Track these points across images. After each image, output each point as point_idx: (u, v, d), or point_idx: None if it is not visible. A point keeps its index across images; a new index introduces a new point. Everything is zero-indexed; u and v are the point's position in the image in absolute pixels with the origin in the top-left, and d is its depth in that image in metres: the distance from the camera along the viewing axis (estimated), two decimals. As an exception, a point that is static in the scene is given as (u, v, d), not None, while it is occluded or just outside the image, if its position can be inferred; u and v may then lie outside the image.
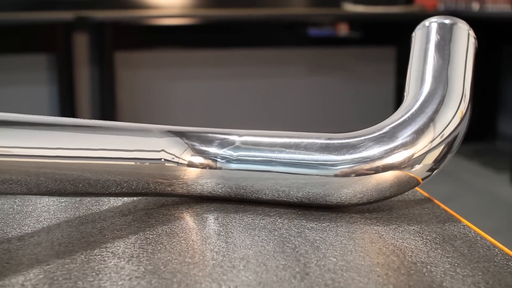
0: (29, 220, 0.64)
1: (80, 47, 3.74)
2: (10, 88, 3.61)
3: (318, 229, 0.62)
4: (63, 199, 0.69)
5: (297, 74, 4.26)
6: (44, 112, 3.56)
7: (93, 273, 0.52)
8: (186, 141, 0.65)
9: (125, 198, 0.69)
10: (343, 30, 4.44)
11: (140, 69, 3.85)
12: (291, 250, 0.56)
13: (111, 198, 0.69)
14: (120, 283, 0.50)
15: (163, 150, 0.64)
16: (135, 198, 0.69)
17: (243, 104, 4.14)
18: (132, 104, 3.75)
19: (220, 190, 0.67)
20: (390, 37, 4.41)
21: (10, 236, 0.60)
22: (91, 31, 3.75)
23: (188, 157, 0.65)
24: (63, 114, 3.58)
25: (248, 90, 4.14)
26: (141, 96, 3.83)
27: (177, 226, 0.62)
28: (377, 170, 0.64)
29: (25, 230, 0.62)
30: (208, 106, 4.05)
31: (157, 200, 0.69)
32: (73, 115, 3.62)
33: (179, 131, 0.66)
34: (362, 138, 0.65)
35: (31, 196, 0.69)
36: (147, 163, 0.63)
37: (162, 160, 0.64)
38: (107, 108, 3.59)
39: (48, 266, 0.53)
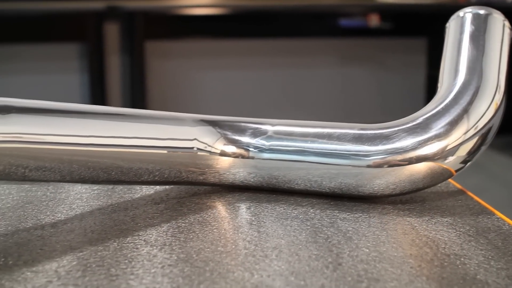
0: (62, 207, 0.64)
1: (111, 36, 3.75)
2: (42, 76, 3.63)
3: (351, 219, 0.62)
4: (95, 186, 0.69)
5: (327, 64, 4.25)
6: (75, 100, 3.58)
7: (126, 261, 0.52)
8: (219, 130, 0.65)
9: (157, 186, 0.69)
10: (374, 20, 4.41)
11: (170, 59, 3.86)
12: (324, 240, 0.56)
13: (143, 186, 0.69)
14: (152, 270, 0.50)
15: (195, 139, 0.64)
16: (167, 187, 0.70)
17: (273, 94, 4.14)
18: (161, 94, 3.76)
19: (252, 180, 0.67)
20: (421, 28, 4.38)
21: (43, 222, 0.61)
22: (122, 20, 3.76)
23: (220, 146, 0.65)
24: (93, 103, 3.60)
25: (278, 80, 4.13)
26: (171, 85, 3.84)
27: (209, 215, 0.62)
28: (410, 161, 0.63)
29: (58, 217, 0.62)
30: (238, 96, 4.05)
31: (189, 189, 0.69)
32: (103, 104, 3.64)
33: (212, 120, 0.66)
34: (396, 129, 0.64)
35: (63, 183, 0.69)
36: (180, 152, 0.63)
37: (195, 149, 0.64)
38: (137, 97, 3.61)
39: (81, 253, 0.54)
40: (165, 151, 0.62)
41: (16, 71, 3.57)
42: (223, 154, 0.65)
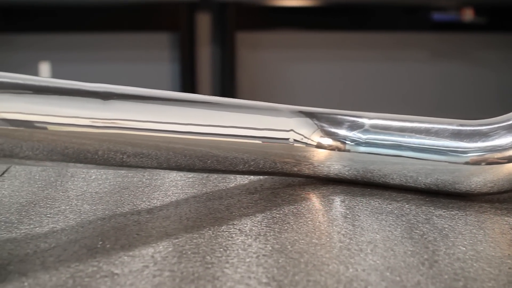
0: (158, 194, 0.65)
1: (203, 26, 3.78)
2: (134, 64, 3.69)
3: (447, 217, 0.60)
4: (190, 174, 0.70)
5: (419, 59, 4.19)
6: (165, 89, 3.62)
7: (221, 249, 0.52)
8: (316, 122, 0.65)
9: (252, 176, 0.70)
10: (468, 15, 4.33)
11: (261, 50, 3.87)
12: (419, 237, 0.55)
13: (237, 176, 0.70)
14: (247, 260, 0.50)
15: (292, 130, 0.64)
16: (261, 177, 0.70)
17: (363, 88, 4.11)
18: (251, 85, 3.78)
19: (346, 173, 0.66)
20: (517, 24, 4.27)
21: (139, 208, 0.61)
22: (214, 11, 3.79)
23: (317, 138, 0.65)
24: (184, 92, 3.63)
25: (368, 74, 4.10)
26: (261, 77, 3.85)
27: (304, 207, 0.62)
28: (510, 160, 0.62)
29: (154, 204, 0.63)
30: (328, 88, 4.03)
31: (283, 180, 0.69)
32: (193, 93, 3.66)
33: (309, 112, 0.65)
34: (495, 126, 0.63)
35: (158, 170, 0.70)
36: (276, 142, 0.63)
37: (291, 140, 0.64)
38: (227, 88, 3.63)
39: (176, 240, 0.54)
40: (261, 141, 0.63)
41: (109, 59, 3.64)
42: (319, 146, 0.65)
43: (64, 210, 0.61)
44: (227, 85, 3.64)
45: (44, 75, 3.43)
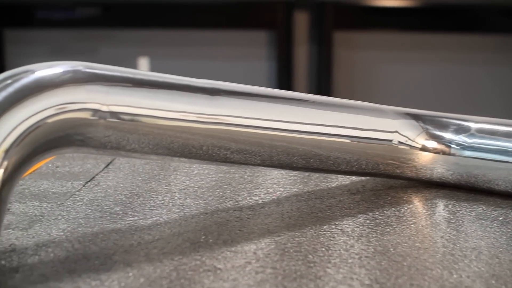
0: (259, 191, 0.65)
1: (300, 25, 3.78)
2: (231, 62, 3.72)
3: (554, 225, 0.59)
4: (291, 173, 0.70)
5: (516, 63, 4.09)
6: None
7: (323, 249, 0.52)
8: (421, 124, 0.64)
9: (353, 177, 0.69)
10: None
11: (358, 50, 3.84)
12: (526, 245, 0.54)
13: (339, 176, 0.69)
14: (349, 261, 0.50)
15: (396, 132, 0.63)
16: (363, 178, 0.69)
17: (458, 90, 4.04)
18: (347, 85, 3.76)
19: (450, 177, 0.65)
20: None
21: (241, 204, 0.62)
22: (312, 10, 3.78)
23: (422, 140, 0.64)
24: (280, 90, 3.63)
25: (466, 77, 4.02)
26: (357, 77, 3.82)
27: (406, 210, 0.61)
28: None
29: (255, 200, 0.63)
30: (424, 90, 3.98)
31: (384, 181, 0.68)
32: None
33: (414, 114, 0.65)
34: None
35: (260, 167, 0.70)
36: (379, 144, 0.63)
37: (395, 141, 0.63)
38: (323, 87, 3.62)
39: (279, 237, 0.54)
40: (364, 142, 0.62)
41: (207, 56, 3.67)
42: (423, 149, 0.64)
43: (167, 203, 0.62)
44: (323, 84, 3.63)
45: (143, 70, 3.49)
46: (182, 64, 3.59)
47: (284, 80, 3.68)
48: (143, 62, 3.50)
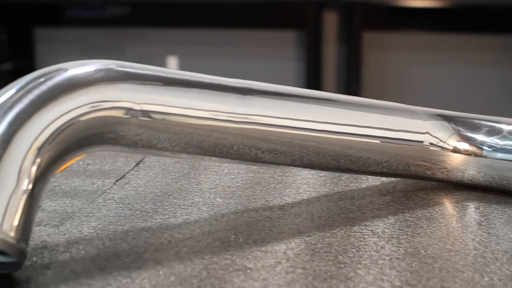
0: (289, 191, 0.65)
1: (330, 25, 3.78)
2: (260, 61, 3.72)
3: None
4: (321, 173, 0.70)
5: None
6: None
7: (353, 249, 0.52)
8: (453, 126, 0.64)
9: (383, 178, 0.69)
10: None
11: (387, 51, 3.83)
12: (558, 249, 0.54)
13: (369, 177, 0.69)
14: (380, 262, 0.50)
15: (427, 133, 0.63)
16: (393, 179, 0.69)
17: (488, 92, 4.01)
18: (376, 85, 3.75)
19: (481, 179, 0.65)
20: None
21: (271, 204, 0.62)
22: (341, 10, 3.77)
23: (453, 142, 0.63)
24: (308, 90, 3.63)
25: (495, 78, 3.99)
26: (386, 78, 3.81)
27: (437, 211, 0.61)
28: None
29: (285, 200, 0.63)
30: (453, 92, 3.95)
31: (415, 183, 0.68)
32: (317, 92, 3.65)
33: (446, 115, 0.64)
34: None
35: (290, 167, 0.70)
36: (410, 145, 0.62)
37: (426, 143, 0.63)
38: (352, 88, 3.61)
39: (309, 238, 0.54)
40: (395, 143, 0.62)
41: (235, 55, 3.68)
42: (455, 150, 0.63)
43: (198, 202, 0.62)
44: (352, 84, 3.62)
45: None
46: (210, 63, 3.60)
47: (313, 80, 3.68)
48: (172, 61, 3.51)
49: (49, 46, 3.53)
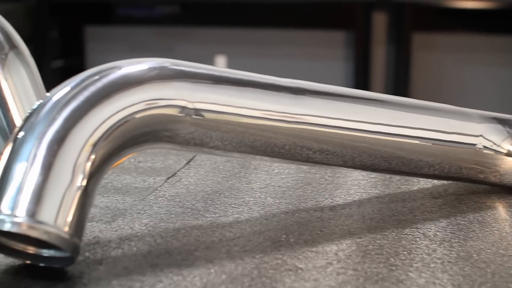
0: (340, 192, 0.65)
1: (379, 26, 3.76)
2: (308, 61, 3.72)
3: None
4: (372, 175, 0.70)
5: None
6: (338, 88, 3.61)
7: (405, 252, 0.52)
8: (508, 129, 0.63)
9: (435, 181, 0.68)
10: None
11: (436, 52, 3.80)
12: None
13: (420, 179, 0.69)
14: (432, 265, 0.50)
15: (481, 136, 0.62)
16: (445, 182, 0.68)
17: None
18: (425, 87, 3.72)
19: (535, 184, 0.64)
20: None
21: (322, 205, 0.62)
22: (391, 11, 3.75)
23: (507, 146, 0.63)
24: (356, 91, 3.61)
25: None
26: (435, 79, 3.78)
27: (489, 215, 0.60)
28: None
29: (336, 201, 0.63)
30: (504, 93, 3.91)
31: (467, 186, 0.67)
32: (365, 93, 3.64)
33: (501, 118, 0.64)
34: None
35: (341, 168, 0.70)
36: (463, 148, 0.62)
37: (479, 146, 0.62)
38: (401, 89, 3.58)
39: (360, 239, 0.54)
40: (447, 145, 0.61)
41: (284, 55, 3.68)
42: (509, 154, 0.63)
43: (248, 201, 0.63)
44: (400, 86, 3.60)
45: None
46: (258, 63, 3.60)
47: (361, 81, 3.66)
48: (220, 60, 3.52)
49: (99, 44, 3.57)
